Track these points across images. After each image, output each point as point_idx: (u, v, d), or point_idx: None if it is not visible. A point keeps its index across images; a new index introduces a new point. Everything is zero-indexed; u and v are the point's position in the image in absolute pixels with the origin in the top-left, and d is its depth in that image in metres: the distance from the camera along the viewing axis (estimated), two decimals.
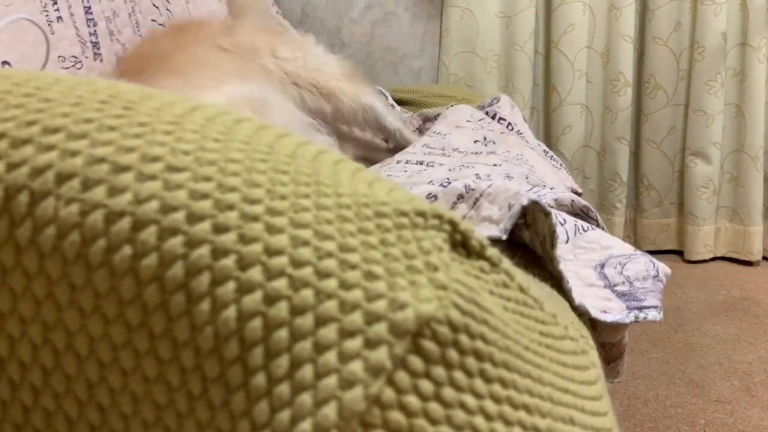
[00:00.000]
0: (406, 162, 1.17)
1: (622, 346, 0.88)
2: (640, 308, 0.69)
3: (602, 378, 0.38)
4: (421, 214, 0.32)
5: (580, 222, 0.79)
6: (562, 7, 2.21)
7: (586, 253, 0.75)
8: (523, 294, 0.35)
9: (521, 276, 0.36)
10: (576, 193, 1.12)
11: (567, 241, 0.75)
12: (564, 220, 0.78)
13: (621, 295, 0.70)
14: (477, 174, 1.02)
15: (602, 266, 0.73)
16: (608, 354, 0.89)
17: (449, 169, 1.06)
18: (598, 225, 0.87)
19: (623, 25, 2.22)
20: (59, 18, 1.00)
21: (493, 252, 0.34)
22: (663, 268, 0.75)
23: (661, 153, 2.32)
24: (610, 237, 0.79)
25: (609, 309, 0.68)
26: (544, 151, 1.30)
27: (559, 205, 0.87)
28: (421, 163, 1.15)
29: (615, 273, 0.72)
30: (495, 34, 2.26)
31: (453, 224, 0.33)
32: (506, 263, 0.35)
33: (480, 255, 0.33)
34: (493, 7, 2.25)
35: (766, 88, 2.21)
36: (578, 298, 0.65)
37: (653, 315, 0.68)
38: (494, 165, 1.06)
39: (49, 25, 0.98)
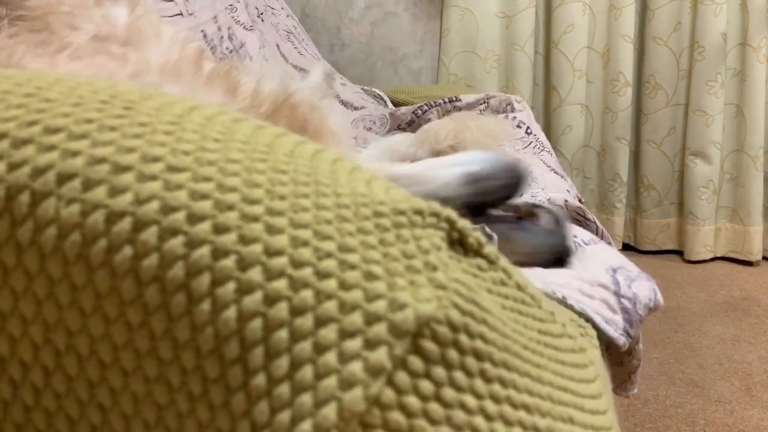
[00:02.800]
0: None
1: (639, 353, 0.86)
2: (628, 335, 0.66)
3: (601, 376, 0.38)
4: (419, 212, 0.32)
5: (579, 237, 0.75)
6: (562, 7, 2.21)
7: (592, 261, 0.72)
8: (521, 292, 0.35)
9: (519, 273, 0.36)
10: (580, 201, 1.11)
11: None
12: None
13: (624, 311, 0.67)
14: None
15: (614, 270, 0.70)
16: (627, 367, 0.88)
17: None
18: (597, 228, 0.86)
19: (623, 25, 2.22)
20: None
21: (490, 249, 0.34)
22: (659, 299, 0.73)
23: (661, 153, 2.32)
24: (612, 251, 0.75)
25: (611, 321, 0.65)
26: (548, 152, 1.30)
27: (552, 205, 0.85)
28: None
29: (624, 284, 0.69)
30: (495, 34, 2.26)
31: (450, 222, 0.33)
32: (503, 261, 0.35)
33: (477, 253, 0.33)
34: (493, 7, 2.25)
35: (766, 88, 2.21)
36: (577, 304, 0.62)
37: (625, 344, 0.67)
38: None
39: None
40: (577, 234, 0.76)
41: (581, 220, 0.87)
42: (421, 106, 1.50)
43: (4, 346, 0.31)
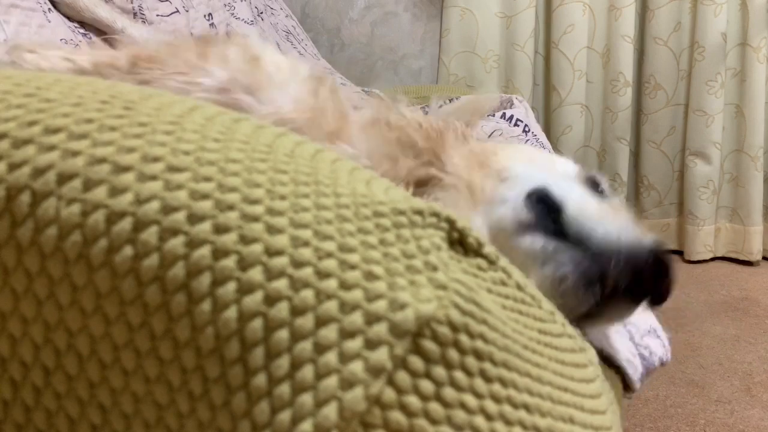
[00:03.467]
0: None
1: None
2: (642, 380, 0.68)
3: (601, 376, 0.38)
4: (419, 212, 0.32)
5: None
6: (562, 7, 2.21)
7: None
8: (521, 291, 0.35)
9: (519, 273, 0.36)
10: None
11: None
12: None
13: (642, 357, 0.69)
14: None
15: (624, 324, 0.71)
16: None
17: None
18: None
19: (623, 25, 2.22)
20: None
21: (490, 249, 0.34)
22: (668, 357, 0.74)
23: (661, 153, 2.32)
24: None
25: (631, 363, 0.67)
26: (548, 150, 1.30)
27: None
28: None
29: (637, 335, 0.71)
30: (495, 34, 2.26)
31: (450, 222, 0.33)
32: (503, 261, 0.35)
33: (477, 253, 0.33)
34: (493, 7, 2.25)
35: (766, 88, 2.21)
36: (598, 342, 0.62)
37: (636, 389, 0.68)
38: None
39: None
40: None
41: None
42: (423, 107, 1.50)
43: (5, 346, 0.31)
